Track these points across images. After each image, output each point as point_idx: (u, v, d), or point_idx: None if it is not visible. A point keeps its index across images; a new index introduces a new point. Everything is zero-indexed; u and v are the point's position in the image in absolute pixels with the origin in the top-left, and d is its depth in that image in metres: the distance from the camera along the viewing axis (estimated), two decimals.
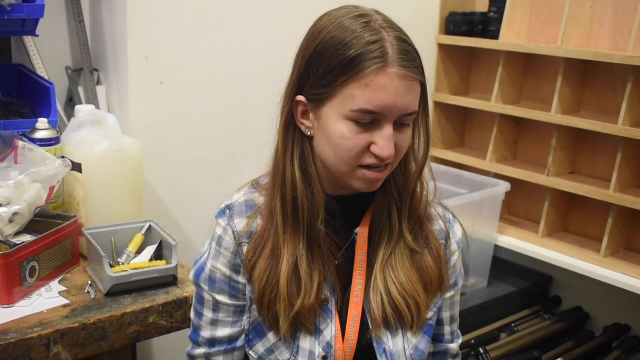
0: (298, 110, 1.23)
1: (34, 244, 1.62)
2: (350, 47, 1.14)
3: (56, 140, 1.81)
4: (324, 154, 1.22)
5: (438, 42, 2.77)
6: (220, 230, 1.30)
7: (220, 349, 1.33)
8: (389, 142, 1.16)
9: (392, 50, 1.14)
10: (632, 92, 2.19)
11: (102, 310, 1.56)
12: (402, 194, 1.28)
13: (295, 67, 1.22)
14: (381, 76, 1.13)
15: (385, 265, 1.27)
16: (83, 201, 1.83)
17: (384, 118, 1.15)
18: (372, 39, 1.14)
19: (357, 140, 1.16)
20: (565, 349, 2.43)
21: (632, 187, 2.32)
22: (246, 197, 1.33)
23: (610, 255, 2.33)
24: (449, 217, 1.38)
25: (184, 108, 2.20)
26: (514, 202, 2.74)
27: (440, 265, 1.31)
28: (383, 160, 1.17)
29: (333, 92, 1.16)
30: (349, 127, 1.16)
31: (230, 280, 1.30)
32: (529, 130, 2.66)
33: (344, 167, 1.19)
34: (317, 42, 1.18)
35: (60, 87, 2.14)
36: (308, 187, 1.24)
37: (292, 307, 1.23)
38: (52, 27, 2.11)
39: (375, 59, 1.13)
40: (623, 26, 2.31)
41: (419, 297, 1.27)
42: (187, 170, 2.25)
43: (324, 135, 1.20)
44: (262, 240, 1.27)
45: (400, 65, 1.14)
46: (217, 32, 2.21)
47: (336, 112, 1.17)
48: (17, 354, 1.42)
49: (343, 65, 1.14)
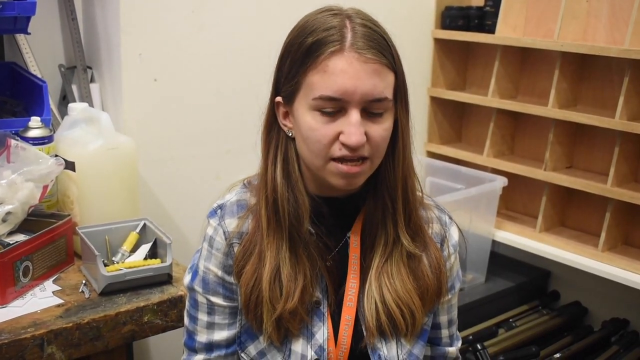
0: (280, 112, 1.22)
1: (27, 243, 1.61)
2: (310, 35, 1.13)
3: (49, 139, 1.80)
4: (301, 151, 1.20)
5: (434, 37, 2.75)
6: (211, 230, 1.29)
7: (220, 354, 1.31)
8: (356, 128, 1.12)
9: (351, 34, 1.12)
10: (629, 86, 2.18)
11: (96, 309, 1.55)
12: (394, 196, 1.23)
13: (275, 68, 1.23)
14: (337, 59, 1.11)
15: (381, 273, 1.25)
16: (77, 200, 1.82)
17: (348, 104, 1.12)
18: (331, 25, 1.13)
19: (325, 131, 1.14)
20: (563, 344, 2.43)
21: (630, 181, 2.32)
22: (238, 197, 1.31)
23: (608, 250, 2.32)
24: (446, 219, 1.35)
25: (178, 105, 2.19)
26: (511, 197, 2.73)
27: (438, 274, 1.28)
28: (353, 150, 1.13)
29: (298, 84, 1.16)
30: (314, 118, 1.14)
31: (223, 281, 1.28)
32: (526, 125, 2.65)
33: (317, 161, 1.17)
34: (287, 40, 1.19)
35: (54, 85, 2.13)
36: (291, 190, 1.22)
37: (275, 310, 1.21)
38: (44, 24, 2.10)
39: (331, 43, 1.11)
40: (620, 20, 2.30)
41: (414, 306, 1.25)
42: (181, 168, 2.24)
43: (298, 131, 1.19)
44: (251, 244, 1.25)
45: (360, 48, 1.11)
46: (211, 29, 2.20)
47: (303, 105, 1.16)
48: (11, 354, 1.40)
49: (303, 54, 1.14)
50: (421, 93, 2.79)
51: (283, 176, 1.22)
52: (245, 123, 2.28)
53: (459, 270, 1.38)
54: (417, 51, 2.70)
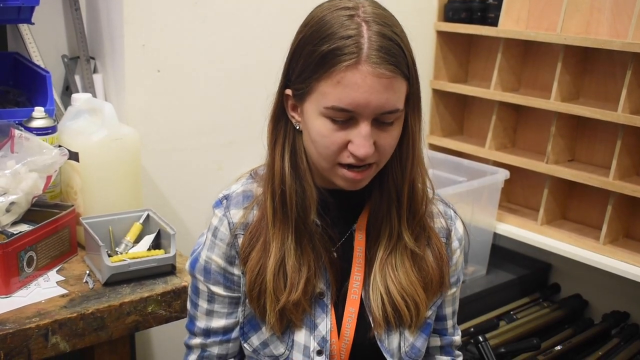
0: (288, 104, 1.22)
1: (31, 233, 1.61)
2: (325, 42, 1.10)
3: (53, 130, 1.80)
4: (308, 149, 1.21)
5: (437, 30, 2.75)
6: (216, 221, 1.29)
7: (216, 340, 1.32)
8: (365, 140, 1.12)
9: (367, 46, 1.09)
10: (632, 79, 2.18)
11: (100, 300, 1.56)
12: (400, 191, 1.23)
13: (286, 60, 1.21)
14: (352, 73, 1.09)
15: (385, 265, 1.25)
16: (80, 190, 1.82)
17: (359, 116, 1.12)
18: (348, 34, 1.10)
19: (334, 139, 1.14)
20: (564, 337, 2.43)
21: (632, 174, 2.32)
22: (244, 187, 1.31)
23: (609, 243, 2.33)
24: (451, 214, 1.36)
25: (181, 96, 2.19)
26: (513, 190, 2.73)
27: (442, 266, 1.29)
28: (361, 160, 1.14)
29: (310, 88, 1.14)
30: (325, 124, 1.14)
31: (225, 272, 1.29)
32: (528, 117, 2.65)
33: (325, 163, 1.18)
34: (301, 37, 1.16)
35: (57, 76, 2.12)
36: (298, 181, 1.22)
37: (279, 301, 1.22)
38: (48, 15, 2.10)
39: (347, 55, 1.09)
40: (623, 13, 2.30)
41: (419, 298, 1.25)
42: (185, 159, 2.24)
43: (306, 130, 1.19)
44: (257, 232, 1.25)
45: (375, 62, 1.09)
46: (214, 20, 2.19)
47: (314, 109, 1.15)
48: (15, 344, 1.41)
49: (317, 61, 1.11)
50: (423, 85, 2.72)
51: (291, 167, 1.22)
52: (248, 114, 2.29)
53: (463, 263, 1.39)
54: (420, 44, 2.64)
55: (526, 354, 2.30)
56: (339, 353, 1.26)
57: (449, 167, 2.61)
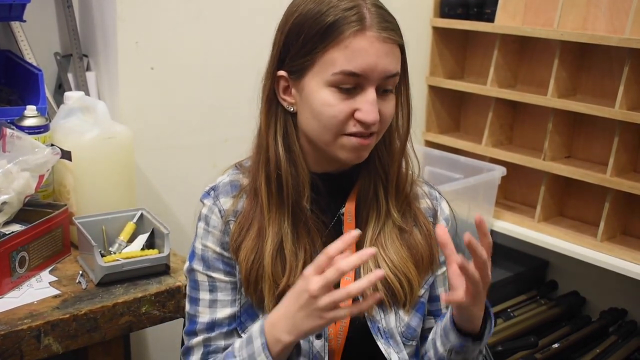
0: (280, 87, 1.24)
1: (23, 233, 1.60)
2: (328, 14, 1.16)
3: (45, 128, 1.79)
4: (309, 126, 1.22)
5: (433, 26, 2.74)
6: (206, 210, 1.30)
7: (222, 331, 1.30)
8: (373, 106, 1.17)
9: (369, 15, 1.16)
10: (629, 75, 2.17)
11: (93, 300, 1.54)
12: (387, 171, 1.28)
13: (275, 44, 1.25)
14: (360, 39, 1.15)
15: (375, 244, 1.27)
16: (73, 190, 1.81)
17: (366, 82, 1.16)
18: (349, 6, 1.16)
19: (341, 107, 1.17)
20: (561, 334, 2.43)
21: (629, 171, 2.31)
22: (231, 177, 1.33)
23: (607, 240, 2.32)
24: (436, 194, 1.40)
25: (175, 94, 2.17)
26: (510, 187, 2.72)
27: (430, 243, 1.31)
28: (368, 126, 1.18)
29: (314, 59, 1.18)
30: (332, 93, 1.17)
31: (222, 256, 1.29)
32: (525, 114, 2.64)
33: (329, 136, 1.20)
34: (295, 17, 1.20)
35: (49, 74, 2.11)
36: (292, 164, 1.24)
37: (277, 286, 1.23)
38: (40, 12, 2.08)
39: (353, 23, 1.15)
40: (620, 9, 2.29)
41: (411, 274, 1.27)
42: (179, 157, 2.23)
43: (307, 106, 1.21)
44: (247, 221, 1.26)
45: (379, 28, 1.16)
46: (208, 17, 2.18)
47: (318, 81, 1.18)
48: (7, 346, 1.39)
49: (322, 32, 1.16)
50: (419, 82, 2.77)
51: (285, 150, 1.24)
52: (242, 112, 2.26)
53: None
54: (416, 40, 2.68)
55: (523, 352, 2.29)
56: (336, 335, 1.26)
57: (446, 164, 2.60)
